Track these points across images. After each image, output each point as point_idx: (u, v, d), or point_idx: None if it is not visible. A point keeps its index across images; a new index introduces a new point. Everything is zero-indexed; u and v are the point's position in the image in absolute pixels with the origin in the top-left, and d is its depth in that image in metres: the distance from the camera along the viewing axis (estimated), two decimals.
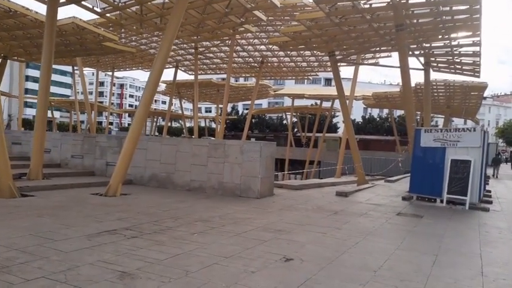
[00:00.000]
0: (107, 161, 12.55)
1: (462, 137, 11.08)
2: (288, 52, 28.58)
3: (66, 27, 16.64)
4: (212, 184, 10.71)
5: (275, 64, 32.01)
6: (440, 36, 16.13)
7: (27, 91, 79.51)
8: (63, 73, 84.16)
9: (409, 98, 13.68)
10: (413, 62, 24.50)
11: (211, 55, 31.82)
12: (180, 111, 56.02)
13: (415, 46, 16.68)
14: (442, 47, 17.31)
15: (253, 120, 65.89)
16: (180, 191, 11.04)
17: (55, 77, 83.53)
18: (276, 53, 29.36)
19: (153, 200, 9.26)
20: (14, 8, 15.39)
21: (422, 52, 18.14)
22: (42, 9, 14.72)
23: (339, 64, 18.54)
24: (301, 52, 28.10)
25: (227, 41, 26.76)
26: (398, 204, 10.69)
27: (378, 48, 18.78)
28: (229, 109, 68.21)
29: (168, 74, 36.91)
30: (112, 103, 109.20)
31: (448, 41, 16.47)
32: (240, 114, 69.06)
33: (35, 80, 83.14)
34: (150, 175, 11.74)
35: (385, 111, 69.52)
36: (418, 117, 44.49)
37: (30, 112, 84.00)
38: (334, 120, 63.09)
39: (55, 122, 61.23)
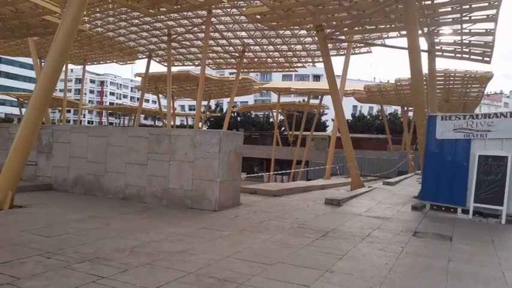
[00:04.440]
0: None
1: (494, 125, 8.24)
2: (272, 39, 25.69)
3: None
4: (154, 191, 7.68)
5: (258, 53, 29.04)
6: (450, 8, 13.39)
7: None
8: (11, 62, 78.04)
9: (419, 80, 10.87)
10: None
11: (187, 43, 28.69)
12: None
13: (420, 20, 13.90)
14: (450, 23, 14.57)
15: (238, 118, 62.90)
16: (110, 200, 7.98)
17: (15, 70, 79.22)
18: (258, 40, 26.41)
19: (52, 216, 6.19)
20: None
21: (426, 31, 15.37)
22: None
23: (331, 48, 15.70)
24: (287, 39, 25.24)
25: (202, 25, 23.74)
26: (410, 217, 7.82)
27: (375, 26, 15.93)
28: (213, 106, 65.12)
29: (142, 66, 33.95)
30: (91, 101, 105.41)
31: (458, 15, 13.73)
32: (224, 111, 65.85)
33: (8, 75, 78.98)
34: (75, 178, 8.65)
35: (375, 109, 67.25)
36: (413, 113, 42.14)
37: (9, 110, 79.72)
38: (323, 118, 60.41)
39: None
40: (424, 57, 15.27)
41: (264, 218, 6.77)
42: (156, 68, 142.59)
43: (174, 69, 34.76)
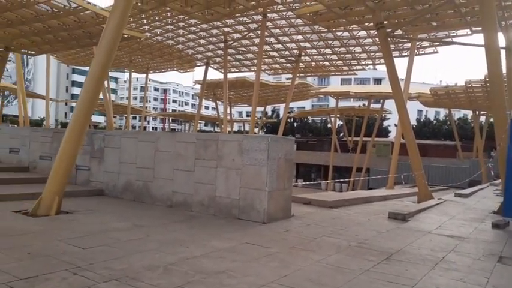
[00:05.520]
0: (76, 163, 9.49)
1: None
2: (329, 42, 24.77)
3: (54, 4, 14.18)
4: (200, 199, 7.27)
5: (314, 57, 28.20)
6: None
7: (73, 96, 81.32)
8: (82, 72, 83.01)
9: (498, 80, 9.54)
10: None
11: (243, 49, 28.62)
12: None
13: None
14: None
15: (295, 124, 62.08)
16: (158, 207, 7.70)
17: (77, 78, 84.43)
18: (314, 43, 25.62)
19: (94, 224, 5.96)
20: None
21: (504, 25, 13.74)
22: None
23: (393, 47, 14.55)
24: (345, 41, 24.18)
25: (257, 30, 23.45)
26: (491, 237, 6.66)
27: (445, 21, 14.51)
28: (269, 112, 64.95)
29: (202, 74, 34.51)
30: (155, 108, 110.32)
31: None
32: (280, 117, 65.37)
33: (80, 85, 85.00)
34: (124, 183, 8.52)
35: (442, 113, 63.02)
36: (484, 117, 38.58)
37: None
38: (385, 123, 57.66)
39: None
40: (502, 54, 13.67)
41: (318, 233, 6.05)
42: (215, 75, 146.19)
43: (231, 75, 34.99)
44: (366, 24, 15.92)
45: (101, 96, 36.23)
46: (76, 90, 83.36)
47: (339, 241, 5.62)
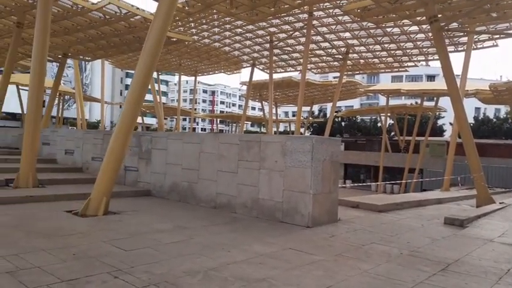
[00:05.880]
0: (125, 164, 9.78)
1: None
2: (378, 38, 23.87)
3: (105, 11, 14.78)
4: (244, 200, 7.16)
5: (363, 54, 27.30)
6: None
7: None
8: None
9: None
10: None
11: (289, 49, 28.34)
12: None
13: None
14: None
15: (343, 123, 60.70)
16: (202, 208, 7.70)
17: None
18: (363, 40, 24.79)
19: (139, 225, 6.03)
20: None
21: None
22: None
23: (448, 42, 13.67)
24: (395, 37, 23.18)
25: (303, 29, 23.07)
26: None
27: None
28: (316, 111, 64.00)
29: (248, 75, 34.73)
30: (203, 110, 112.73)
31: None
32: (327, 117, 64.21)
33: None
34: (171, 184, 8.63)
35: (503, 111, 58.79)
36: None
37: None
38: (439, 121, 54.79)
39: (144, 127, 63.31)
40: None
41: (366, 239, 5.71)
42: (261, 75, 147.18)
43: (277, 76, 34.84)
44: (418, 18, 15.10)
45: (152, 98, 37.61)
46: None
47: (389, 249, 5.26)
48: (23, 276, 3.57)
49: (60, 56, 21.24)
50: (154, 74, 39.47)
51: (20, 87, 39.47)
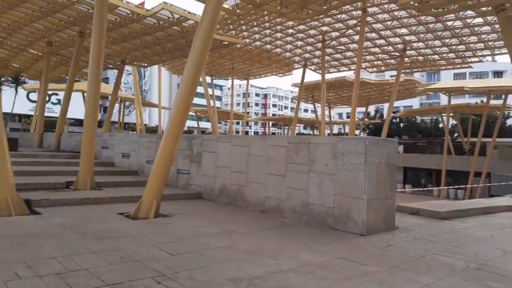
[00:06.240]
0: (177, 167, 9.92)
1: None
2: (438, 33, 22.51)
3: (159, 16, 15.24)
4: (293, 205, 6.91)
5: (421, 51, 25.91)
6: None
7: None
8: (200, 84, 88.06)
9: None
10: None
11: (342, 48, 27.63)
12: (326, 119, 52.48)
13: None
14: None
15: (401, 124, 58.18)
16: (251, 212, 7.56)
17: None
18: (421, 36, 23.52)
19: (187, 228, 5.99)
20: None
21: None
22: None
23: None
24: (457, 31, 21.72)
25: (357, 26, 22.33)
26: None
27: None
28: (372, 112, 61.89)
29: (299, 76, 34.23)
30: (256, 113, 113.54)
31: None
32: (384, 117, 61.81)
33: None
34: (220, 187, 8.59)
35: None
36: None
37: (190, 124, 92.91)
38: (508, 121, 50.70)
39: (199, 130, 65.01)
40: None
41: (427, 250, 5.23)
42: (314, 76, 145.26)
43: (329, 76, 34.14)
44: (483, 8, 13.96)
45: (205, 103, 38.37)
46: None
47: (453, 261, 4.75)
48: (69, 278, 3.61)
49: (118, 63, 22.32)
50: (208, 79, 40.50)
51: (84, 94, 42.15)
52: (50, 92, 52.65)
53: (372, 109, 61.20)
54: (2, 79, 15.56)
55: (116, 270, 3.90)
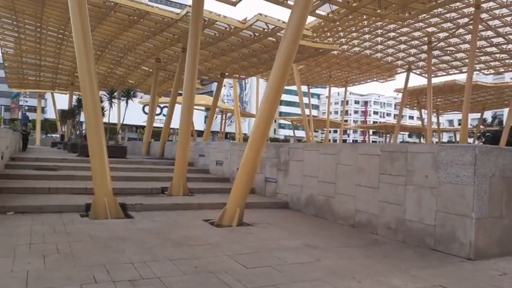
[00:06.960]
0: (265, 175, 9.79)
1: None
2: None
3: (254, 28, 15.44)
4: (386, 221, 6.20)
5: None
6: None
7: (280, 114, 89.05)
8: (288, 92, 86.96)
9: None
10: None
11: (451, 49, 25.15)
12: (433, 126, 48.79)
13: None
14: None
15: None
16: (339, 226, 7.01)
17: (290, 98, 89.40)
18: None
19: (267, 239, 5.72)
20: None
21: None
22: None
23: None
24: None
25: (469, 25, 20.07)
26: None
27: None
28: (489, 118, 55.16)
29: (403, 81, 31.87)
30: (355, 121, 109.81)
31: None
32: (504, 124, 54.47)
33: (287, 103, 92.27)
34: (307, 197, 8.19)
35: None
36: None
37: (287, 133, 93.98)
38: None
39: (295, 139, 64.94)
40: None
41: None
42: (418, 81, 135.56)
43: (437, 80, 31.35)
44: None
45: (299, 111, 38.04)
46: (283, 109, 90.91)
47: None
48: (141, 286, 3.59)
49: (218, 76, 23.35)
50: (305, 88, 40.26)
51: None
52: (161, 105, 57.81)
53: (488, 115, 54.60)
54: (115, 94, 17.25)
55: (187, 281, 3.79)
